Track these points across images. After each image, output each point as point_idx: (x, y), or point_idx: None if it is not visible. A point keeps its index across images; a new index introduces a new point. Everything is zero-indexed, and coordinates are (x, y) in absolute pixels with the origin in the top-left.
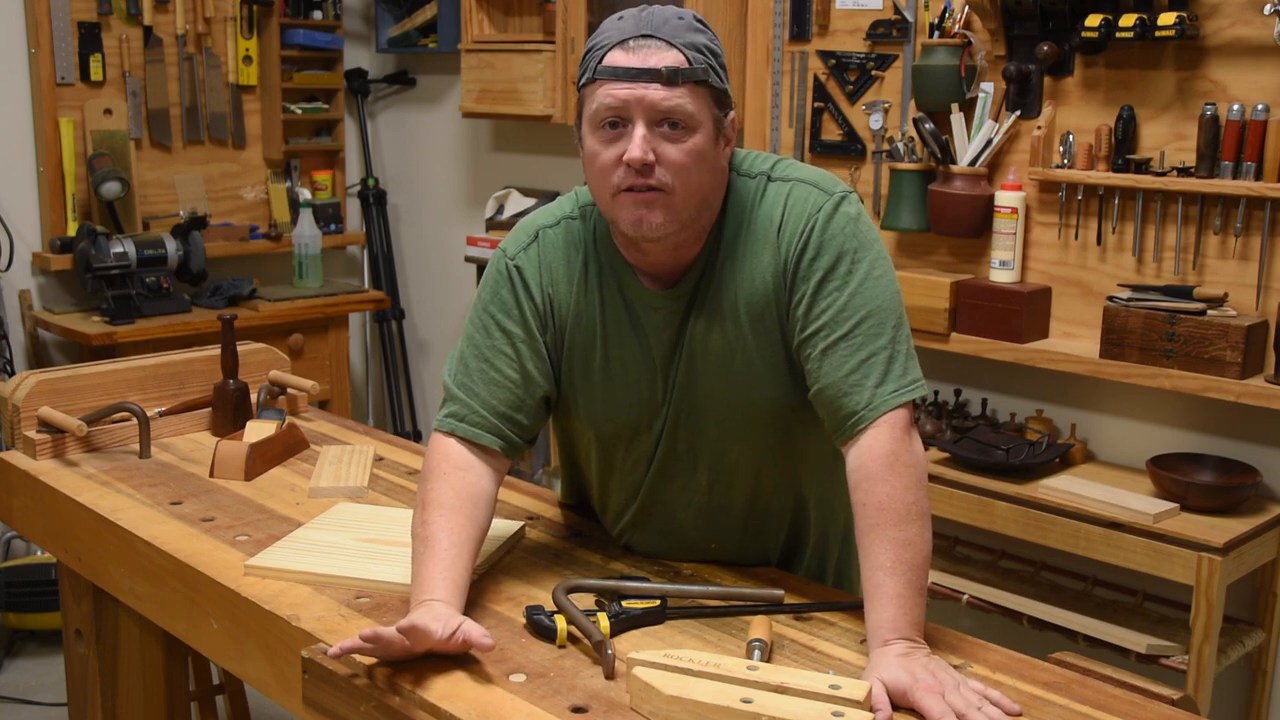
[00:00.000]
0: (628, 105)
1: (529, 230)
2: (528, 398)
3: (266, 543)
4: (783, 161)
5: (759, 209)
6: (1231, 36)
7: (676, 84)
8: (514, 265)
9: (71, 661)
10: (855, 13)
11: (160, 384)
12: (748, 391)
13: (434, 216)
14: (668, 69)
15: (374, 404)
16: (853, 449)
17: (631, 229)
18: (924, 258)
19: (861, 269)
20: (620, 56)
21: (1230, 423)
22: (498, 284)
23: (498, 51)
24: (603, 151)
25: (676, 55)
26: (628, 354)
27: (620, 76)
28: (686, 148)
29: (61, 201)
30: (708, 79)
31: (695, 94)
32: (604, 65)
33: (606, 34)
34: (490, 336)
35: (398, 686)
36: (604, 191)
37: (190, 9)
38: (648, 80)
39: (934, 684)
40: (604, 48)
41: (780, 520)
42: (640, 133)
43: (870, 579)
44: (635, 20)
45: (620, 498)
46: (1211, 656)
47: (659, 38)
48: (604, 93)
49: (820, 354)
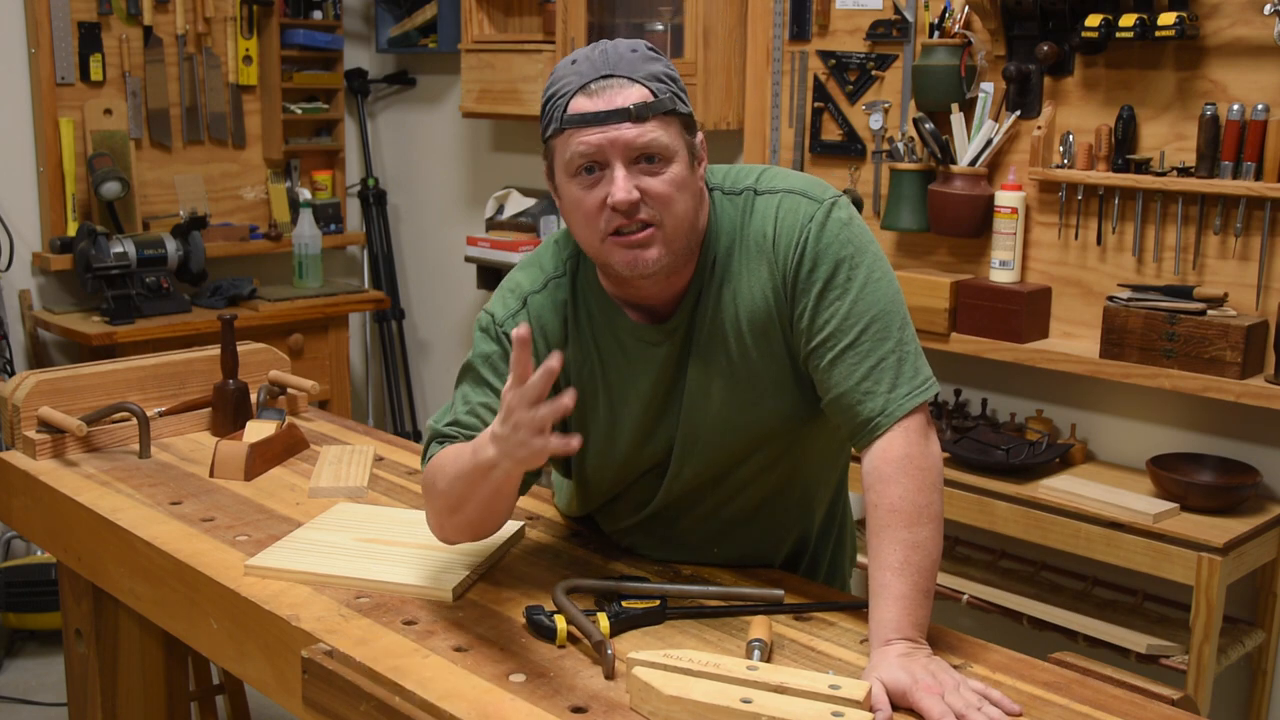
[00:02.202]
0: (602, 149)
1: (517, 296)
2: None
3: (266, 543)
4: (767, 172)
5: (749, 225)
6: (1231, 36)
7: (646, 119)
8: (503, 333)
9: (71, 661)
10: (855, 13)
11: (160, 384)
12: (754, 411)
13: (434, 216)
14: (635, 106)
15: (374, 404)
16: (868, 452)
17: (627, 270)
18: (924, 258)
19: (860, 274)
20: (585, 103)
21: (1230, 423)
22: (489, 351)
23: (498, 51)
24: (585, 198)
25: (641, 90)
26: (631, 396)
27: (590, 122)
28: (667, 179)
29: (61, 201)
30: (675, 107)
31: (666, 124)
32: (570, 114)
33: (565, 80)
34: (484, 393)
35: (398, 686)
36: (592, 238)
37: (190, 9)
38: (618, 121)
39: (934, 685)
40: (565, 95)
41: (786, 523)
42: (620, 174)
43: (877, 578)
44: (590, 62)
45: (628, 512)
46: (1211, 656)
47: (619, 75)
48: (576, 141)
49: (829, 364)
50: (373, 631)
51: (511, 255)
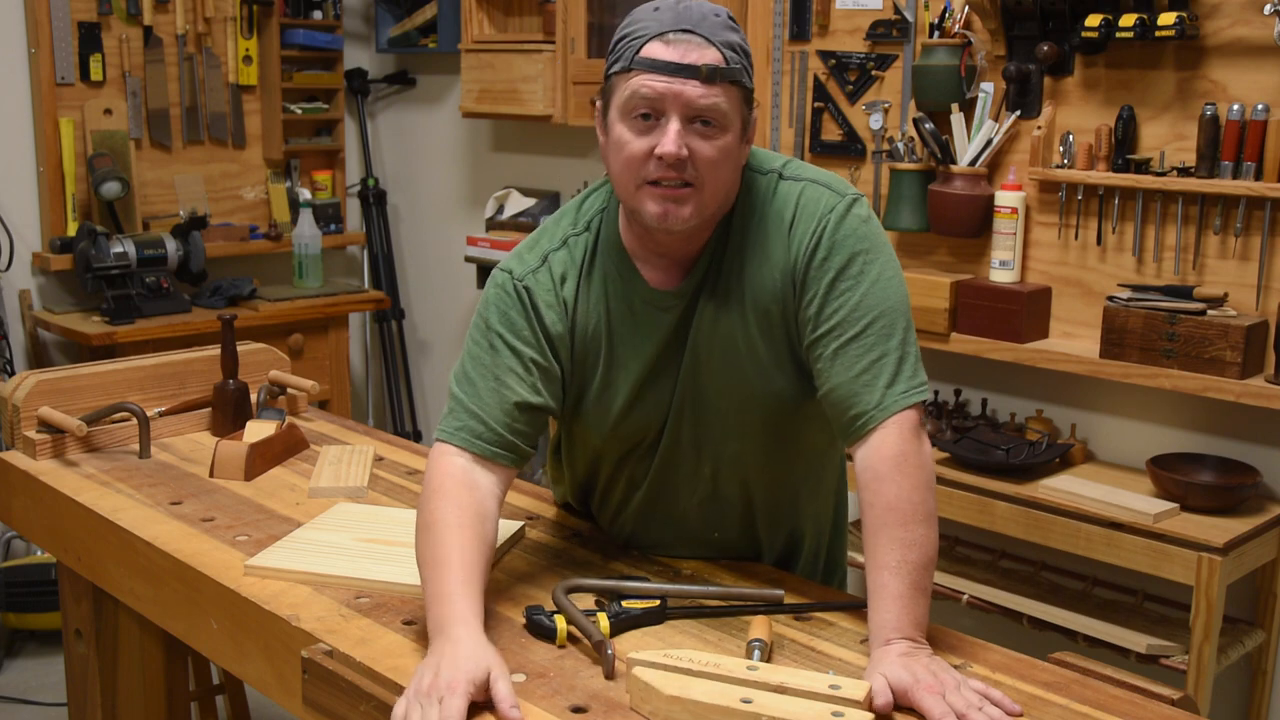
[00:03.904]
0: (664, 99)
1: (537, 253)
2: (536, 414)
3: (266, 543)
4: (793, 162)
5: (770, 205)
6: (1231, 36)
7: (714, 83)
8: (523, 286)
9: (71, 661)
10: (855, 13)
11: (160, 384)
12: (751, 382)
13: (434, 216)
14: (707, 67)
15: (374, 404)
16: (861, 449)
17: (656, 221)
18: (924, 258)
19: (873, 270)
20: (659, 49)
21: (1230, 423)
22: (505, 305)
23: (498, 51)
24: (633, 141)
25: (715, 53)
26: (633, 355)
27: (659, 69)
28: (718, 145)
29: (61, 201)
30: (741, 79)
31: (729, 93)
32: (642, 56)
33: (643, 23)
34: (498, 354)
35: (398, 686)
36: (629, 182)
37: (190, 9)
38: (687, 76)
39: (935, 684)
40: (641, 37)
41: (780, 511)
42: (675, 128)
43: (874, 578)
44: (674, 13)
45: (624, 488)
46: (1211, 656)
47: (699, 34)
48: (640, 83)
49: (831, 354)
50: (373, 631)
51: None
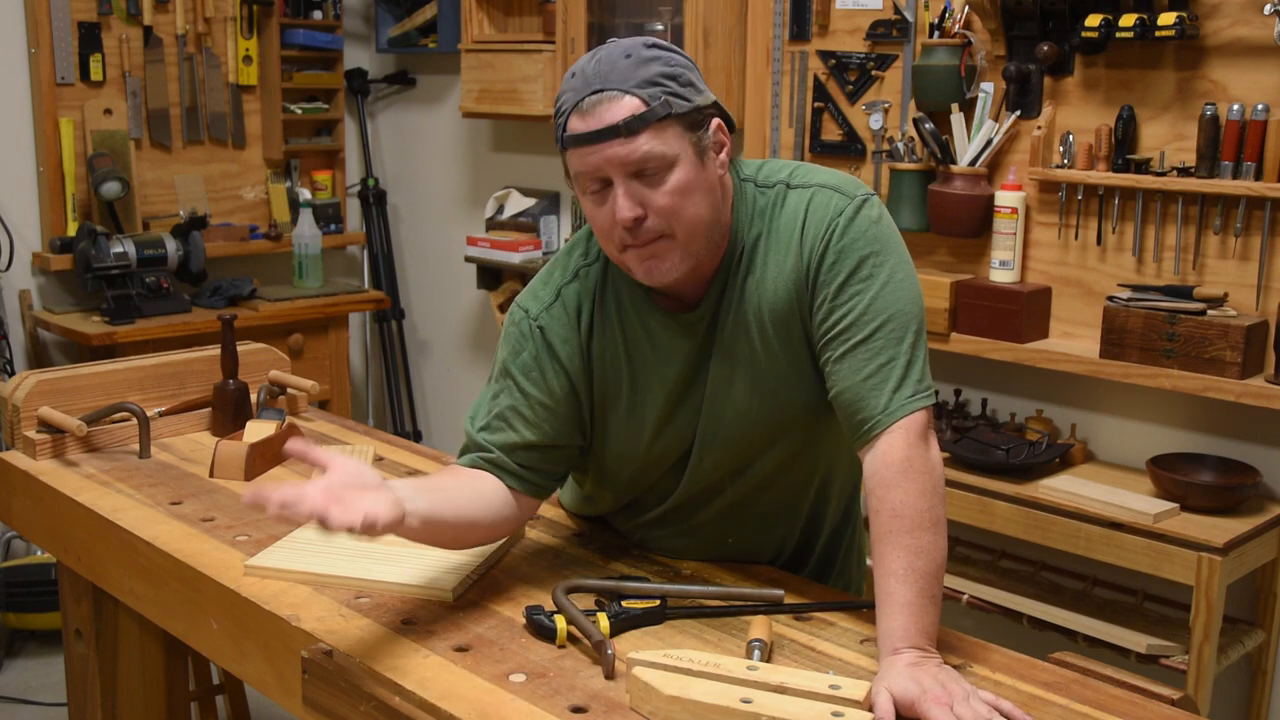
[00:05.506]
0: (601, 168)
1: (551, 289)
2: (547, 452)
3: (266, 543)
4: (801, 168)
5: (780, 218)
6: (1231, 36)
7: (638, 131)
8: (537, 326)
9: (71, 661)
10: (855, 13)
11: (160, 384)
12: (776, 401)
13: (434, 216)
14: (624, 122)
15: (374, 404)
16: (869, 454)
17: (645, 278)
18: (924, 258)
19: (884, 272)
20: (578, 123)
21: (1230, 423)
22: (520, 344)
23: (498, 51)
24: (597, 214)
25: (631, 102)
26: (654, 384)
27: (583, 142)
28: (670, 186)
29: (61, 201)
30: (670, 111)
31: (660, 132)
32: (567, 135)
33: (565, 97)
34: (513, 396)
35: (398, 686)
36: (610, 250)
37: (190, 9)
38: (608, 139)
39: (942, 695)
40: (564, 113)
41: (800, 511)
42: (620, 191)
43: (882, 586)
44: (584, 76)
45: (647, 504)
46: (1211, 656)
47: (610, 89)
48: (575, 161)
49: (840, 357)
50: (373, 631)
51: (511, 255)
